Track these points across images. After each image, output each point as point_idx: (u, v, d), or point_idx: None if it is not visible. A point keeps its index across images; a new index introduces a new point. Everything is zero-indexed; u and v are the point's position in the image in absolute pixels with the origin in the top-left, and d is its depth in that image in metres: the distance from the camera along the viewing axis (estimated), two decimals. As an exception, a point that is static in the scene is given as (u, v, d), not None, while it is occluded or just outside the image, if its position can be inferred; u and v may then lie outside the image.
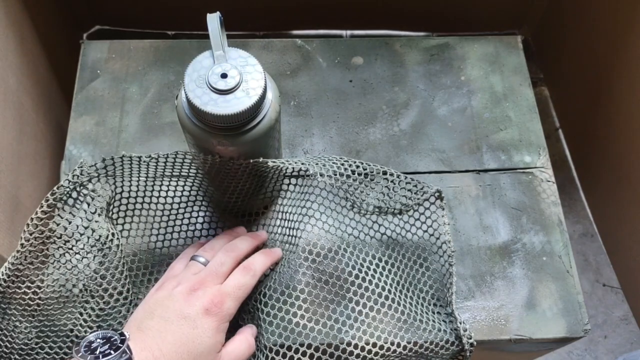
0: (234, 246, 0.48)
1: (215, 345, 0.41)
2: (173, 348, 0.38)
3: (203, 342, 0.40)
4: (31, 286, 0.46)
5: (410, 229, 0.53)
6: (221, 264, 0.45)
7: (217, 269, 0.45)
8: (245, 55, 0.41)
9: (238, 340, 0.44)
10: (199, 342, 0.40)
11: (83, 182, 0.46)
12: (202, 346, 0.40)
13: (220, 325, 0.41)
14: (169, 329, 0.39)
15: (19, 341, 0.47)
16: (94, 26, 0.87)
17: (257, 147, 0.44)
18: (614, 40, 0.78)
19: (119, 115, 0.63)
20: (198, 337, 0.40)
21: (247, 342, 0.44)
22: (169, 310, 0.41)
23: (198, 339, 0.40)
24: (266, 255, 0.48)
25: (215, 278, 0.44)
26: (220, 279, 0.44)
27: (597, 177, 0.94)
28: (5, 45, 0.63)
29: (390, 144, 0.63)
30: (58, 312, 0.47)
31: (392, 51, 0.69)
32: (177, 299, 0.41)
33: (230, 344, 0.43)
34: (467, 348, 0.48)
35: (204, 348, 0.40)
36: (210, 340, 0.40)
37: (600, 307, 0.98)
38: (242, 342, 0.44)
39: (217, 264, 0.45)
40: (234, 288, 0.44)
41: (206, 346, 0.40)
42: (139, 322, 0.41)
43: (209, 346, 0.40)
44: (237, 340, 0.44)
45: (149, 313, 0.41)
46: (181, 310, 0.41)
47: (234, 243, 0.48)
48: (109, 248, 0.47)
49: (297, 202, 0.53)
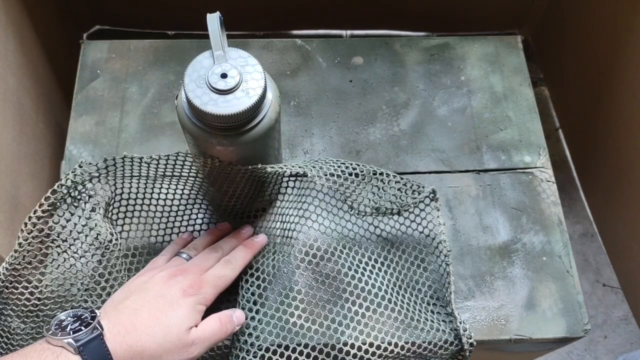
0: (217, 247, 0.49)
1: (188, 320, 0.41)
2: (146, 322, 0.39)
3: (176, 316, 0.40)
4: (28, 286, 0.46)
5: (407, 229, 0.53)
6: (205, 260, 0.47)
7: (200, 263, 0.46)
8: (245, 55, 0.41)
9: (210, 319, 0.44)
10: (172, 316, 0.40)
11: (83, 182, 0.46)
12: (174, 319, 0.40)
13: (196, 306, 0.42)
14: (145, 305, 0.40)
15: (14, 342, 0.47)
16: (94, 26, 0.87)
17: (257, 147, 0.44)
18: (614, 40, 0.78)
19: (119, 115, 0.63)
20: (172, 312, 0.40)
21: (220, 322, 0.43)
22: (147, 291, 0.42)
23: (172, 313, 0.40)
24: (247, 249, 0.49)
25: (196, 270, 0.45)
26: (202, 271, 0.45)
27: (597, 177, 0.94)
28: (5, 46, 0.63)
29: (390, 144, 0.63)
30: (56, 312, 0.47)
31: (392, 51, 0.69)
32: (156, 282, 0.42)
33: (202, 323, 0.43)
34: (466, 348, 0.48)
35: (176, 321, 0.40)
36: (183, 315, 0.40)
37: (600, 307, 0.98)
38: (213, 322, 0.43)
39: (201, 260, 0.47)
40: (213, 277, 0.45)
41: (178, 320, 0.40)
42: (116, 302, 0.41)
43: (180, 320, 0.40)
44: (209, 319, 0.44)
45: (126, 294, 0.42)
46: (160, 290, 0.41)
47: (218, 245, 0.50)
48: (108, 248, 0.47)
49: (295, 203, 0.53)
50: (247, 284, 0.49)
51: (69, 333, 0.36)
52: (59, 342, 0.36)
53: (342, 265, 0.50)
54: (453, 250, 0.57)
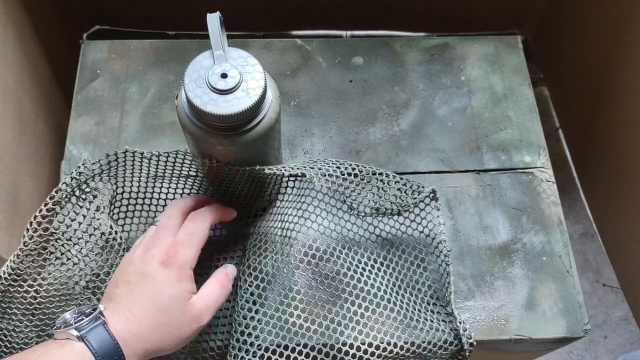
0: (180, 201, 0.47)
1: (181, 293, 0.41)
2: (141, 306, 0.39)
3: (167, 294, 0.40)
4: (33, 284, 0.46)
5: (407, 230, 0.53)
6: (169, 217, 0.45)
7: (166, 222, 0.44)
8: (245, 55, 0.41)
9: (210, 285, 0.44)
10: (163, 294, 0.40)
11: (87, 180, 0.46)
12: (166, 297, 0.40)
13: (181, 274, 0.42)
14: (133, 289, 0.40)
15: (19, 340, 0.47)
16: (94, 26, 0.87)
17: (257, 147, 0.44)
18: (614, 40, 0.79)
19: (119, 115, 0.63)
20: (160, 290, 0.40)
21: (220, 285, 0.44)
22: (129, 273, 0.42)
23: (161, 292, 0.40)
24: (214, 207, 0.48)
25: (166, 232, 0.44)
26: (171, 232, 0.44)
27: (597, 177, 0.94)
28: (5, 45, 0.63)
29: (390, 144, 0.63)
30: (59, 311, 0.47)
31: (392, 51, 0.69)
32: (135, 262, 0.42)
33: (202, 288, 0.43)
34: (466, 348, 0.48)
35: (169, 298, 0.40)
36: (173, 290, 0.40)
37: (600, 307, 0.98)
38: (214, 286, 0.43)
39: (165, 218, 0.45)
40: (185, 236, 0.43)
41: (171, 296, 0.40)
42: (108, 294, 0.42)
43: (173, 296, 0.40)
44: (208, 284, 0.44)
45: (114, 283, 0.42)
46: (140, 269, 0.41)
47: (181, 200, 0.48)
48: (112, 246, 0.47)
49: (295, 203, 0.53)
50: (247, 284, 0.49)
51: (71, 324, 0.37)
52: (63, 334, 0.37)
53: (342, 266, 0.50)
54: (453, 250, 0.57)
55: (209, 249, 0.54)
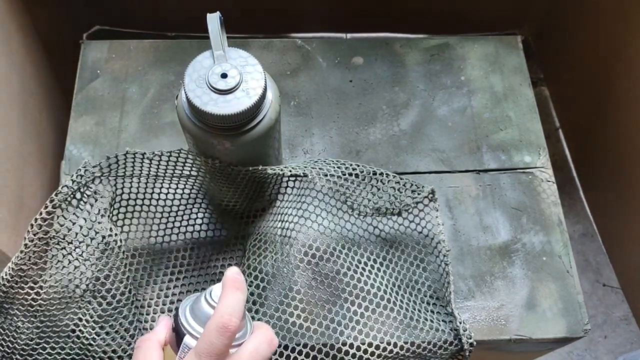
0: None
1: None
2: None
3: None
4: (34, 286, 0.46)
5: (406, 230, 0.53)
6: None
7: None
8: (245, 55, 0.41)
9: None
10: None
11: (87, 183, 0.46)
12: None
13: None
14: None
15: (20, 341, 0.47)
16: (94, 26, 0.87)
17: (257, 147, 0.44)
18: (614, 40, 0.79)
19: (119, 115, 0.63)
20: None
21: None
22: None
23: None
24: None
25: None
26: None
27: (597, 177, 0.94)
28: (9, 46, 0.63)
29: (390, 144, 0.63)
30: (60, 313, 0.47)
31: (392, 51, 0.69)
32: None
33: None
34: (466, 348, 0.48)
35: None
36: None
37: (600, 307, 0.98)
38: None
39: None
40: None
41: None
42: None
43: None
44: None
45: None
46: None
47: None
48: (112, 249, 0.47)
49: (295, 203, 0.53)
50: (247, 284, 0.49)
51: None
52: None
53: (342, 265, 0.50)
54: (453, 250, 0.57)
55: (208, 249, 0.54)
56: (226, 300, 0.35)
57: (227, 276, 0.37)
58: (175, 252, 0.54)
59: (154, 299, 0.52)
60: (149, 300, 0.52)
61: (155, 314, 0.51)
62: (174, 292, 0.52)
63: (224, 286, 0.36)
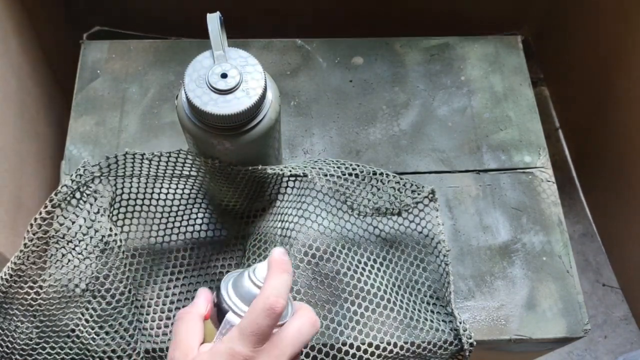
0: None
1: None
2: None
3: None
4: (33, 286, 0.46)
5: (406, 230, 0.53)
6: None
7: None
8: (245, 55, 0.41)
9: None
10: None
11: (86, 182, 0.46)
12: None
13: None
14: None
15: (20, 341, 0.47)
16: (94, 26, 0.87)
17: (257, 147, 0.44)
18: (614, 40, 0.79)
19: (119, 115, 0.63)
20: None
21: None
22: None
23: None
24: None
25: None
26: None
27: (597, 177, 0.94)
28: (7, 45, 0.63)
29: (390, 144, 0.63)
30: (60, 313, 0.47)
31: (392, 51, 0.69)
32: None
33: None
34: (466, 348, 0.48)
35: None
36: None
37: (600, 307, 0.98)
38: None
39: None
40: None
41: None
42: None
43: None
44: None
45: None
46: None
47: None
48: (112, 249, 0.47)
49: (295, 203, 0.53)
50: None
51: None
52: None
53: (342, 265, 0.50)
54: (453, 250, 0.57)
55: (208, 249, 0.54)
56: (273, 282, 0.35)
57: (273, 257, 0.36)
58: (175, 252, 0.54)
59: (154, 299, 0.52)
60: (149, 300, 0.52)
61: (155, 314, 0.51)
62: (174, 292, 0.52)
63: (270, 267, 0.36)
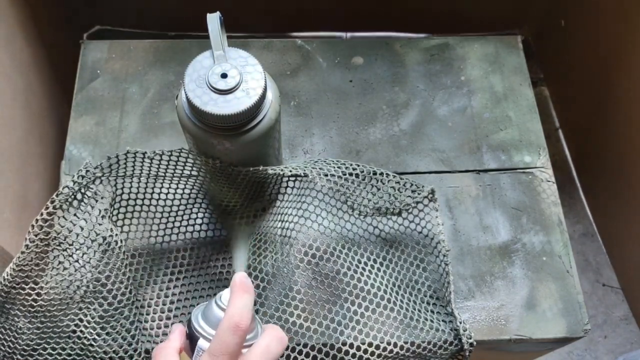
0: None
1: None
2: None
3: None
4: (35, 287, 0.46)
5: (406, 230, 0.53)
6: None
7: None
8: (245, 55, 0.41)
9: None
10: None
11: (87, 183, 0.46)
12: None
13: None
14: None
15: (21, 342, 0.47)
16: (94, 26, 0.87)
17: (257, 147, 0.44)
18: (614, 40, 0.79)
19: (119, 115, 0.63)
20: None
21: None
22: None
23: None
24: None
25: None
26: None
27: (597, 177, 0.94)
28: (13, 45, 0.63)
29: (390, 144, 0.63)
30: (61, 314, 0.47)
31: (392, 51, 0.69)
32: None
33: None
34: (466, 348, 0.48)
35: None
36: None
37: (600, 307, 0.98)
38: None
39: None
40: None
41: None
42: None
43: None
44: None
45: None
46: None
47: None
48: (113, 250, 0.47)
49: (295, 203, 0.53)
50: None
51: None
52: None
53: (342, 265, 0.50)
54: (453, 250, 0.57)
55: (208, 249, 0.54)
56: (235, 302, 0.37)
57: (235, 280, 0.38)
58: (175, 252, 0.54)
59: (154, 299, 0.52)
60: (149, 300, 0.52)
61: (155, 314, 0.51)
62: (174, 292, 0.52)
63: (233, 290, 0.38)
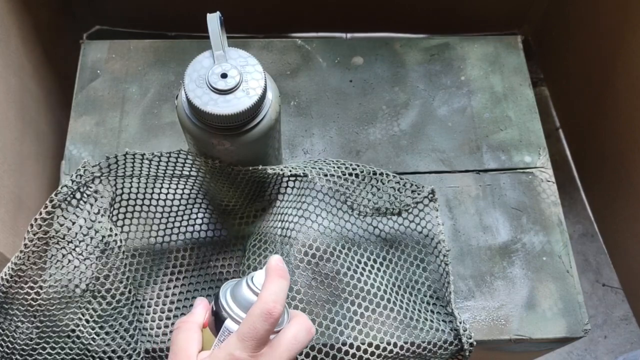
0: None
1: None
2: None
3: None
4: (34, 286, 0.46)
5: (406, 230, 0.53)
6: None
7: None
8: (245, 55, 0.41)
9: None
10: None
11: (86, 183, 0.46)
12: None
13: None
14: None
15: (20, 341, 0.47)
16: (94, 26, 0.87)
17: (257, 147, 0.44)
18: (615, 39, 0.78)
19: (119, 115, 0.63)
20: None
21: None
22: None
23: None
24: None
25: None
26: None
27: (597, 177, 0.94)
28: (7, 45, 0.63)
29: (390, 144, 0.63)
30: (60, 313, 0.47)
31: (392, 51, 0.69)
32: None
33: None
34: (466, 348, 0.48)
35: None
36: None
37: (600, 307, 0.98)
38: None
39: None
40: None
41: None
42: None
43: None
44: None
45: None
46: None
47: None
48: (112, 249, 0.47)
49: (295, 203, 0.53)
50: None
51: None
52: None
53: (342, 265, 0.50)
54: (453, 250, 0.57)
55: (208, 249, 0.54)
56: (271, 287, 0.36)
57: (270, 264, 0.38)
58: (175, 252, 0.54)
59: (154, 299, 0.52)
60: (149, 300, 0.52)
61: (155, 314, 0.51)
62: (174, 292, 0.52)
63: (268, 273, 0.37)
